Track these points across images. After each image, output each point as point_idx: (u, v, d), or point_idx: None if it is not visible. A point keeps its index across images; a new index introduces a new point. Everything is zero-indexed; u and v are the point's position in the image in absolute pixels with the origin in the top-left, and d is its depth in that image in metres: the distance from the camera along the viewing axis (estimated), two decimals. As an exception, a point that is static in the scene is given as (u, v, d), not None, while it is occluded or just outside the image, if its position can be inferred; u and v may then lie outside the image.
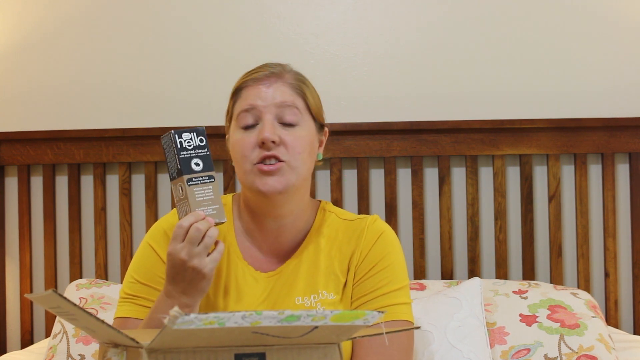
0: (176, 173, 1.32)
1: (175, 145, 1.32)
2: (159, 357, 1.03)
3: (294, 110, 1.44)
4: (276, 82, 1.45)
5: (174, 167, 1.33)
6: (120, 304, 1.50)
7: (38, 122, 2.47)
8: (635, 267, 2.33)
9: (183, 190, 1.31)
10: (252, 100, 1.44)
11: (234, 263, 1.51)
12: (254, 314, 0.96)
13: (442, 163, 2.35)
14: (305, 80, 1.50)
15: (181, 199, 1.33)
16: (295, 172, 1.42)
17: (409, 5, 2.43)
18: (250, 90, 1.46)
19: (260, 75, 1.46)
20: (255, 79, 1.46)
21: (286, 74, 1.48)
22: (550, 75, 2.40)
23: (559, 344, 1.91)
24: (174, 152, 1.32)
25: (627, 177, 2.37)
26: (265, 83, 1.45)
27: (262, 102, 1.43)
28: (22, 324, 2.44)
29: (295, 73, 1.50)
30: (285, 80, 1.46)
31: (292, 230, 1.51)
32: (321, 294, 1.49)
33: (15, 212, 2.47)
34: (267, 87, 1.44)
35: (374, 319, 1.05)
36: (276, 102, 1.43)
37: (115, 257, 2.44)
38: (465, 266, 2.37)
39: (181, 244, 1.30)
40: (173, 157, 1.32)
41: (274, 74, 1.46)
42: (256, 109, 1.43)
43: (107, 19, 2.48)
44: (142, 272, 1.49)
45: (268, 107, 1.43)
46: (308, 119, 1.47)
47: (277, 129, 1.42)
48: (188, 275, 1.30)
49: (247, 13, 2.45)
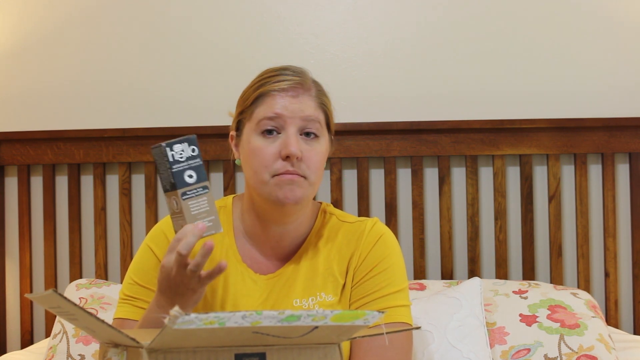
0: (169, 186, 1.29)
1: (166, 158, 1.28)
2: (159, 357, 1.03)
3: (316, 125, 1.45)
4: (303, 95, 1.45)
5: (167, 180, 1.29)
6: (119, 304, 1.51)
7: (38, 122, 2.47)
8: (635, 267, 2.33)
9: (178, 204, 1.28)
10: (278, 109, 1.43)
11: (233, 266, 1.51)
12: (254, 314, 0.96)
13: (442, 163, 2.35)
14: (325, 93, 1.51)
15: (176, 212, 1.29)
16: (311, 188, 1.44)
17: (409, 5, 2.43)
18: (277, 99, 1.44)
19: (286, 85, 1.45)
20: (282, 89, 1.45)
21: (311, 86, 1.47)
22: (550, 75, 2.40)
23: (559, 344, 1.91)
24: (166, 166, 1.28)
25: (627, 177, 2.37)
26: (291, 94, 1.44)
27: (288, 114, 1.43)
28: (22, 324, 2.44)
29: (317, 84, 1.50)
30: (311, 93, 1.46)
31: (294, 234, 1.52)
32: (319, 295, 1.49)
33: (15, 212, 2.47)
34: (294, 98, 1.44)
35: (374, 319, 1.05)
36: (302, 115, 1.43)
37: (115, 257, 2.44)
38: (465, 266, 2.37)
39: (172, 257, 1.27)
40: (165, 170, 1.28)
41: (301, 84, 1.46)
42: (281, 118, 1.43)
43: (107, 19, 2.48)
44: (140, 274, 1.50)
45: (294, 120, 1.43)
46: (326, 133, 1.48)
47: (300, 144, 1.42)
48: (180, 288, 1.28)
49: (247, 13, 2.45)
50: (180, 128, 2.37)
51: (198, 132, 2.36)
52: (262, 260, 1.53)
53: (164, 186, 1.30)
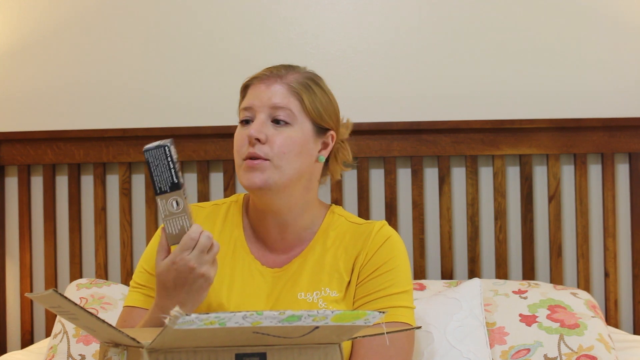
0: (170, 187, 1.28)
1: (170, 158, 1.28)
2: (160, 357, 1.03)
3: (286, 111, 1.48)
4: (274, 84, 1.49)
5: (166, 181, 1.28)
6: (129, 292, 1.55)
7: (38, 122, 2.47)
8: (635, 267, 2.33)
9: (180, 203, 1.29)
10: (251, 99, 1.50)
11: (240, 257, 1.54)
12: (254, 314, 0.96)
13: (442, 163, 2.35)
14: (311, 84, 1.52)
15: (175, 212, 1.29)
16: (278, 171, 1.46)
17: (409, 5, 2.43)
18: (252, 89, 1.52)
19: (262, 75, 1.52)
20: (258, 78, 1.52)
21: (290, 76, 1.51)
22: (550, 75, 2.40)
23: (559, 344, 1.91)
24: (168, 166, 1.28)
25: (627, 177, 2.37)
26: (265, 83, 1.50)
27: (258, 102, 1.49)
28: (22, 324, 2.44)
29: (302, 75, 1.52)
30: (286, 81, 1.50)
31: (295, 227, 1.54)
32: (324, 290, 1.51)
33: (15, 212, 2.47)
34: (266, 87, 1.49)
35: (374, 319, 1.05)
36: (270, 103, 1.48)
37: (115, 257, 2.44)
38: (465, 266, 2.37)
39: (191, 253, 1.30)
40: (166, 170, 1.28)
41: (276, 75, 1.51)
42: (253, 108, 1.49)
43: (107, 19, 2.48)
44: (151, 263, 1.51)
45: (262, 108, 1.48)
46: (304, 121, 1.49)
47: (266, 128, 1.47)
48: (197, 283, 1.31)
49: (248, 13, 2.45)
50: (180, 128, 2.37)
51: (198, 132, 2.38)
52: (270, 254, 1.56)
53: (161, 188, 1.29)
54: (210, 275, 1.32)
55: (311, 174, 1.53)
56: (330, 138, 1.55)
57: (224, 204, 1.62)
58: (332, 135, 1.56)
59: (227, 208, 1.60)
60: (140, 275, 1.54)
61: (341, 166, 1.63)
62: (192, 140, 2.38)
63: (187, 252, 1.30)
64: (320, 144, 1.54)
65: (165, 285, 1.32)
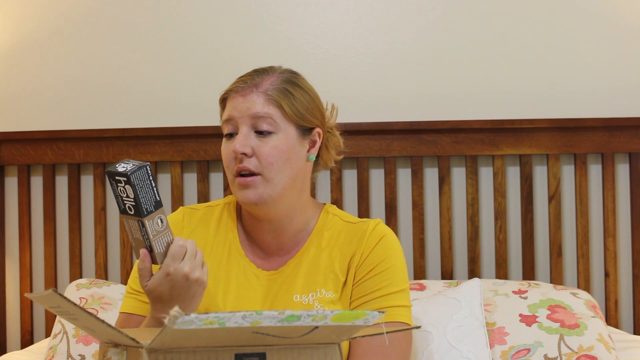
0: (154, 206, 1.27)
1: (151, 178, 1.26)
2: (159, 357, 1.03)
3: (268, 120, 1.46)
4: (251, 93, 1.47)
5: (149, 201, 1.27)
6: (125, 297, 1.55)
7: (38, 122, 2.47)
8: (635, 267, 2.33)
9: (163, 220, 1.29)
10: (230, 111, 1.49)
11: (235, 260, 1.54)
12: (254, 314, 0.96)
13: (442, 163, 2.35)
14: (287, 86, 1.49)
15: (160, 230, 1.29)
16: (270, 184, 1.46)
17: (409, 5, 2.43)
18: (230, 101, 1.50)
19: (238, 87, 1.50)
20: (235, 90, 1.50)
21: (265, 83, 1.48)
22: (550, 75, 2.40)
23: (559, 344, 1.91)
24: (151, 185, 1.26)
25: (627, 177, 2.37)
26: (241, 94, 1.48)
27: (237, 114, 1.48)
28: (22, 324, 2.44)
29: (278, 79, 1.50)
30: (262, 89, 1.47)
31: (290, 230, 1.54)
32: (319, 292, 1.50)
33: (15, 212, 2.47)
34: (243, 98, 1.48)
35: (374, 319, 1.05)
36: (250, 113, 1.46)
37: (115, 257, 2.44)
38: (465, 266, 2.37)
39: (182, 261, 1.30)
40: (149, 191, 1.26)
41: (252, 84, 1.48)
42: (234, 120, 1.48)
43: (107, 19, 2.48)
44: None
45: (243, 119, 1.47)
46: (287, 126, 1.48)
47: (250, 140, 1.46)
48: (192, 289, 1.31)
49: (247, 13, 2.45)
50: (180, 128, 2.37)
51: (198, 132, 2.38)
52: (264, 256, 1.55)
53: (147, 208, 1.26)
54: (204, 280, 1.32)
55: (304, 174, 1.52)
56: (317, 135, 1.53)
57: (217, 205, 1.61)
58: (319, 132, 1.53)
59: (220, 210, 1.59)
60: (135, 281, 1.52)
61: (333, 154, 1.60)
62: (192, 140, 2.38)
63: (178, 261, 1.30)
64: (308, 143, 1.52)
65: (161, 298, 1.32)
